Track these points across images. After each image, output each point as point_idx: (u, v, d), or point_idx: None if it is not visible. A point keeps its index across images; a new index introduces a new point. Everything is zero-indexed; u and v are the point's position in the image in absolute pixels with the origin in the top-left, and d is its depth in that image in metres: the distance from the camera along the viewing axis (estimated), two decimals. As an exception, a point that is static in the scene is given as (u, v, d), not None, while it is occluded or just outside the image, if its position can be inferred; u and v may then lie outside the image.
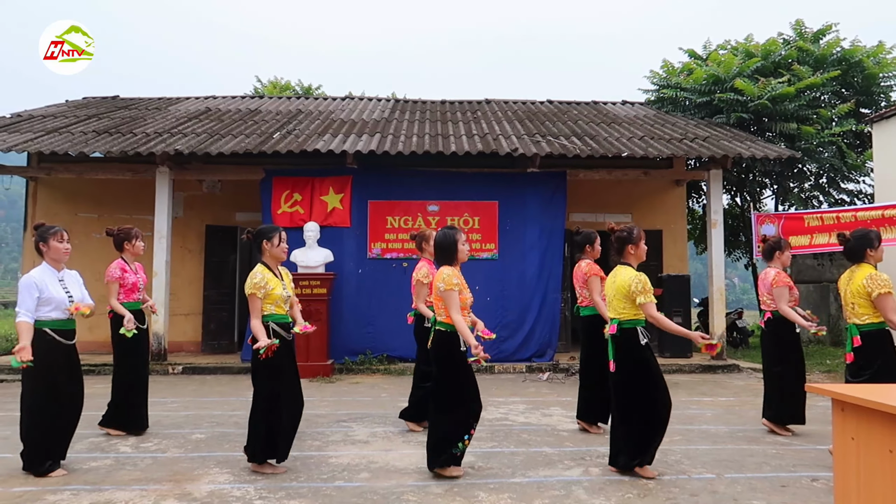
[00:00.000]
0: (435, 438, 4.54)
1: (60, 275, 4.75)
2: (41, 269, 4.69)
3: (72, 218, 11.79)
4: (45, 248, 4.71)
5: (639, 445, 4.51)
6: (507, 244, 10.73)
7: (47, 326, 4.58)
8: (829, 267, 13.75)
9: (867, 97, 13.58)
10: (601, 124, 12.56)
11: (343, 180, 10.70)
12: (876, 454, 2.82)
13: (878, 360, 4.74)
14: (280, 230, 4.85)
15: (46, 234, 4.73)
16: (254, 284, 4.62)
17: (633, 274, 4.57)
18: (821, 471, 4.71)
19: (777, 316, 5.92)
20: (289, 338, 4.76)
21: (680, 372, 9.87)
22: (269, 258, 4.78)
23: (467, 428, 4.50)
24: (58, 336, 4.63)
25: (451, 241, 4.59)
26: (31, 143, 10.41)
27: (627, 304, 4.56)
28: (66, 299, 4.66)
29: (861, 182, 14.09)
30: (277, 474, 4.62)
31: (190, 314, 11.78)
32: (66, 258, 4.79)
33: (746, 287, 43.28)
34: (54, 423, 4.63)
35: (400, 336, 9.92)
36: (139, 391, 5.92)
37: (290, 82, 23.50)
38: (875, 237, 4.95)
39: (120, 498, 4.13)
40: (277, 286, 4.69)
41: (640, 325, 4.57)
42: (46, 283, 4.60)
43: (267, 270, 4.72)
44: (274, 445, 4.64)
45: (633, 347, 4.53)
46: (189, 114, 12.93)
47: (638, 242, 4.67)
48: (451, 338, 4.48)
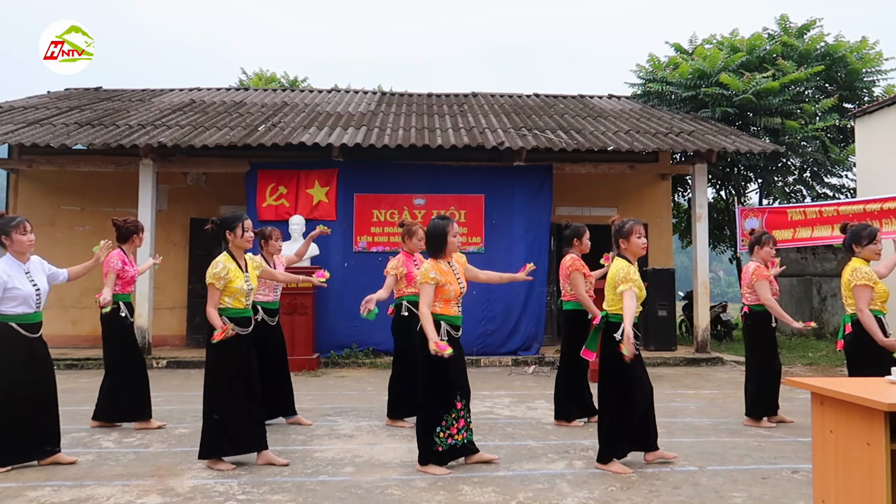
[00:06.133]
0: (417, 429, 4.59)
1: (26, 266, 4.60)
2: (5, 262, 4.51)
3: (54, 210, 11.69)
4: (8, 241, 4.53)
5: (606, 440, 4.56)
6: (494, 237, 10.74)
7: (12, 321, 4.48)
8: (812, 260, 13.88)
9: (850, 92, 13.69)
10: (587, 118, 12.58)
11: (329, 173, 10.65)
12: (854, 446, 2.86)
13: (867, 350, 4.83)
14: (243, 219, 4.72)
15: (8, 227, 4.52)
16: (213, 274, 4.54)
17: (621, 265, 4.58)
18: (801, 463, 4.76)
19: (754, 310, 5.99)
20: (244, 332, 4.65)
21: (664, 365, 9.94)
22: (233, 248, 4.71)
23: (438, 420, 4.46)
24: (23, 330, 4.51)
25: (441, 231, 4.55)
26: (11, 135, 10.27)
27: (616, 297, 4.58)
28: (34, 292, 4.54)
29: (844, 176, 14.23)
30: (226, 470, 4.54)
31: (174, 308, 11.71)
32: (30, 250, 4.63)
33: (731, 280, 43.68)
34: (11, 422, 4.50)
35: (386, 330, 9.80)
36: (144, 378, 5.92)
37: (275, 74, 23.35)
38: (866, 235, 4.98)
39: (102, 494, 4.10)
40: (238, 279, 4.60)
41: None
42: (12, 278, 4.46)
43: (230, 260, 4.62)
44: (227, 441, 4.59)
45: (613, 340, 4.56)
46: (173, 106, 12.81)
47: (628, 236, 4.65)
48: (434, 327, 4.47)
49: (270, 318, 5.97)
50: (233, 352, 4.58)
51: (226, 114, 12.22)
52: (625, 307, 4.43)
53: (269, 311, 5.96)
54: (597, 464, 4.61)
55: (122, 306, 5.80)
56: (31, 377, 4.58)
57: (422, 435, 4.53)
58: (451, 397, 4.51)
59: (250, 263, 4.82)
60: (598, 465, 4.59)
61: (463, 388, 4.59)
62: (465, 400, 4.59)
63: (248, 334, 4.70)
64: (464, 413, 4.57)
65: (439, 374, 4.47)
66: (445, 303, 4.52)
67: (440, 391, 4.48)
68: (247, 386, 4.66)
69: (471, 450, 4.68)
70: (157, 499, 4.02)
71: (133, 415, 5.83)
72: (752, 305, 6.01)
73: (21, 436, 4.55)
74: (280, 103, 13.45)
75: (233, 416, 4.59)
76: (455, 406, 4.52)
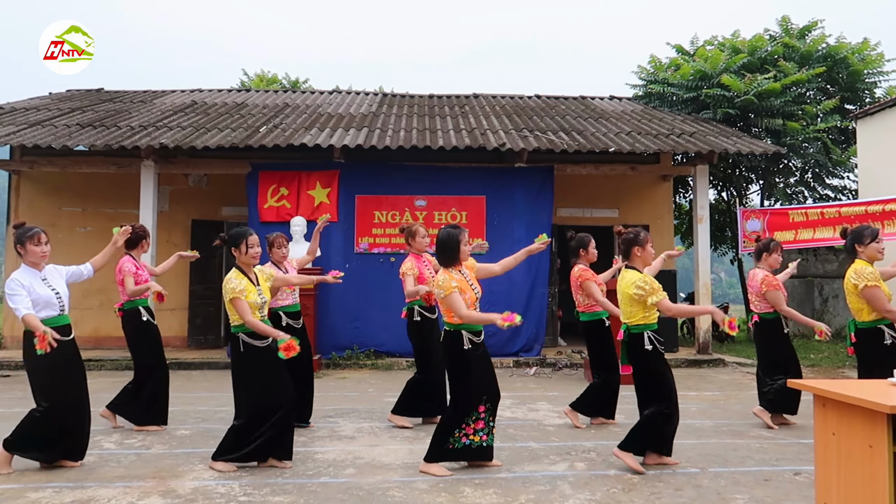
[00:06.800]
0: (437, 428, 4.61)
1: (42, 274, 4.63)
2: (22, 271, 4.56)
3: (56, 212, 11.69)
4: (23, 251, 4.57)
5: (648, 434, 4.59)
6: (495, 239, 10.72)
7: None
8: (814, 262, 13.86)
9: (852, 93, 13.67)
10: (589, 119, 12.57)
11: (330, 174, 10.65)
12: (856, 449, 2.86)
13: (870, 358, 4.82)
14: (247, 235, 4.69)
15: (24, 238, 4.57)
16: (232, 289, 4.53)
17: (636, 277, 4.55)
18: (804, 465, 4.75)
19: (764, 318, 5.95)
20: (264, 345, 4.61)
21: (666, 366, 9.91)
22: (241, 264, 4.72)
23: (459, 422, 4.49)
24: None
25: (454, 240, 4.53)
26: (13, 136, 10.28)
27: (634, 309, 4.57)
28: (54, 296, 4.57)
29: (846, 178, 14.22)
30: (228, 472, 4.55)
31: (176, 309, 11.70)
32: (44, 261, 4.65)
33: (733, 281, 43.59)
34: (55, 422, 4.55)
35: (387, 331, 9.93)
36: (167, 383, 5.99)
37: (276, 76, 23.36)
38: (869, 234, 4.94)
39: (103, 495, 4.10)
40: (252, 293, 4.60)
41: (650, 329, 4.57)
42: (31, 284, 4.50)
43: (242, 276, 4.63)
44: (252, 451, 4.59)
45: (639, 354, 4.58)
46: (175, 107, 12.82)
47: (644, 245, 4.67)
48: (455, 337, 4.48)
49: (295, 321, 5.93)
50: (257, 366, 4.58)
51: (227, 115, 12.22)
52: (676, 311, 4.60)
53: (291, 314, 5.92)
54: (618, 451, 4.56)
55: (142, 311, 5.90)
56: (69, 379, 4.63)
57: (439, 433, 4.53)
58: (477, 402, 4.50)
59: (261, 276, 4.81)
60: (618, 453, 4.56)
61: (490, 392, 4.57)
62: (490, 403, 4.56)
63: (268, 345, 4.59)
64: (485, 415, 4.54)
65: (464, 382, 4.48)
66: None
67: (466, 398, 4.49)
68: (278, 396, 4.61)
69: (485, 455, 4.61)
70: (158, 500, 4.02)
71: (152, 417, 5.83)
72: (762, 314, 5.96)
73: (56, 437, 4.57)
74: (281, 104, 13.46)
75: (262, 427, 4.56)
76: (478, 409, 4.51)
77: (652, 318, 4.58)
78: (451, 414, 4.56)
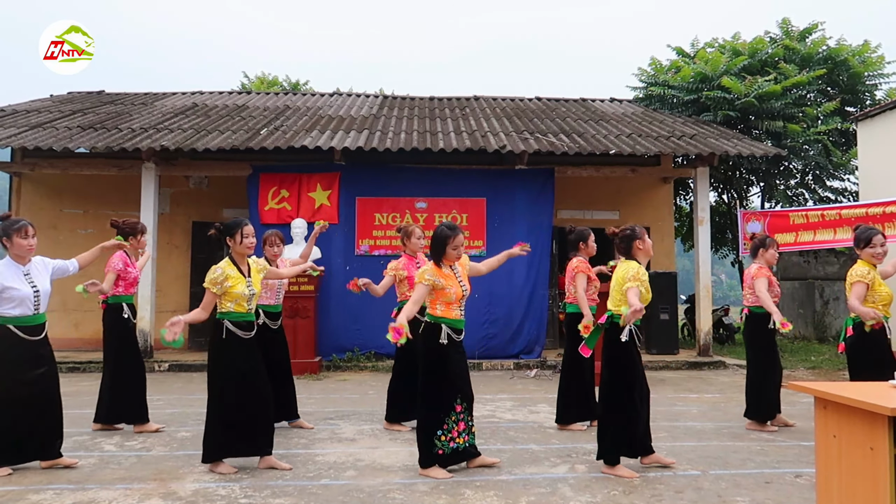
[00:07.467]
0: (417, 432, 4.58)
1: (26, 269, 4.57)
2: (4, 264, 4.50)
3: (57, 214, 11.71)
4: (9, 244, 4.51)
5: (611, 442, 4.56)
6: (495, 241, 10.71)
7: (10, 323, 4.46)
8: (815, 264, 13.86)
9: (852, 96, 13.69)
10: (589, 121, 12.58)
11: (331, 177, 10.67)
12: (857, 451, 2.85)
13: (868, 353, 4.84)
14: (243, 225, 4.70)
15: (10, 230, 4.51)
16: (210, 279, 4.53)
17: (633, 266, 4.59)
18: (804, 467, 4.75)
19: (753, 312, 5.99)
20: (247, 337, 4.64)
21: (667, 369, 9.93)
22: (235, 254, 4.72)
23: (438, 423, 4.46)
24: (21, 332, 4.49)
25: (441, 239, 4.54)
26: (14, 139, 10.29)
27: (622, 295, 4.58)
28: (31, 294, 4.52)
29: (846, 180, 14.22)
30: (228, 474, 4.53)
31: (176, 310, 11.65)
32: (30, 254, 4.61)
33: (733, 283, 43.59)
34: (9, 425, 4.49)
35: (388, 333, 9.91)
36: (143, 380, 5.95)
37: (277, 78, 23.38)
38: (863, 238, 4.97)
39: (104, 497, 4.10)
40: (239, 284, 4.58)
41: (634, 323, 4.57)
42: (10, 279, 4.45)
43: (231, 266, 4.62)
44: (229, 444, 4.59)
45: (613, 342, 4.59)
46: (175, 109, 12.84)
47: (643, 237, 4.73)
48: (434, 329, 4.49)
49: (273, 321, 5.95)
50: (236, 355, 4.58)
51: (228, 117, 12.24)
52: (630, 301, 4.43)
53: (270, 314, 5.94)
54: (603, 468, 4.58)
55: (125, 307, 5.82)
56: (30, 379, 4.54)
57: (422, 438, 4.52)
58: (451, 400, 4.50)
59: (254, 267, 4.81)
60: (605, 470, 4.56)
61: (464, 391, 4.57)
62: (465, 403, 4.57)
63: (252, 338, 4.69)
64: (464, 416, 4.56)
65: (439, 377, 4.48)
66: (447, 306, 4.52)
67: (439, 394, 4.48)
68: (254, 389, 4.63)
69: (472, 453, 4.67)
70: (159, 502, 4.02)
71: (131, 417, 5.85)
72: (752, 307, 6.01)
73: (18, 438, 4.53)
74: (282, 107, 13.47)
75: (237, 420, 4.57)
76: (455, 409, 4.51)
77: None
78: (426, 413, 4.52)
